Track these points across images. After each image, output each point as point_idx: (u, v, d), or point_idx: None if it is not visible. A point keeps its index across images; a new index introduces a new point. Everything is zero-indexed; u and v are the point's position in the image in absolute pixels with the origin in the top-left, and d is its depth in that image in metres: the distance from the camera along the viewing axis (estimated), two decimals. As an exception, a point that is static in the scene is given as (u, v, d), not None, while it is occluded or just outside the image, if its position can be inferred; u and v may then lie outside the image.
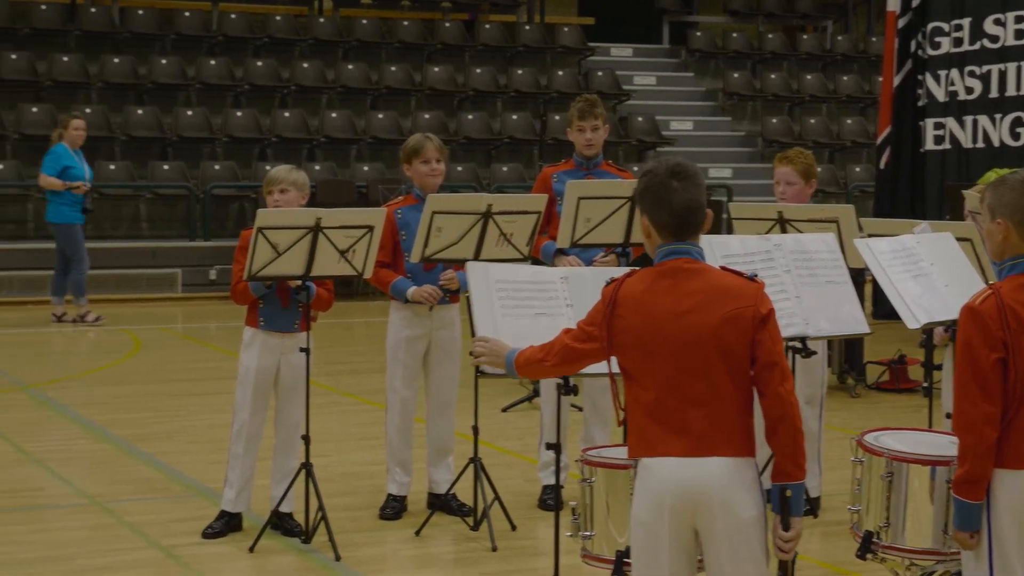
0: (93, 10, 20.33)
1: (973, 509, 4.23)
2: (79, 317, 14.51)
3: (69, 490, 7.86)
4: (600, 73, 22.23)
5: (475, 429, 7.07)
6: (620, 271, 4.33)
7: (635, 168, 19.35)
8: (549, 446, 5.94)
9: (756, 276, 4.16)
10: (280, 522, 6.94)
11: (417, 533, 7.02)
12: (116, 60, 19.53)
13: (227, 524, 6.96)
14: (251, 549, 6.69)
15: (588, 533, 4.79)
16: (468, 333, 6.83)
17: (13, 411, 10.02)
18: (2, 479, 8.01)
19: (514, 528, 7.07)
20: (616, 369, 4.22)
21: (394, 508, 7.33)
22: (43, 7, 19.94)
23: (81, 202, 14.24)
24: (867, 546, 4.81)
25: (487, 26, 22.50)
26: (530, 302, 5.11)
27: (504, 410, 10.18)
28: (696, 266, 4.13)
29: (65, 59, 19.26)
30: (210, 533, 6.92)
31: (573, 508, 4.84)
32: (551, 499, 7.32)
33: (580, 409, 7.79)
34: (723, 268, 4.20)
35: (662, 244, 4.16)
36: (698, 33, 23.87)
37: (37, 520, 7.18)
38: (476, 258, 6.96)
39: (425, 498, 7.44)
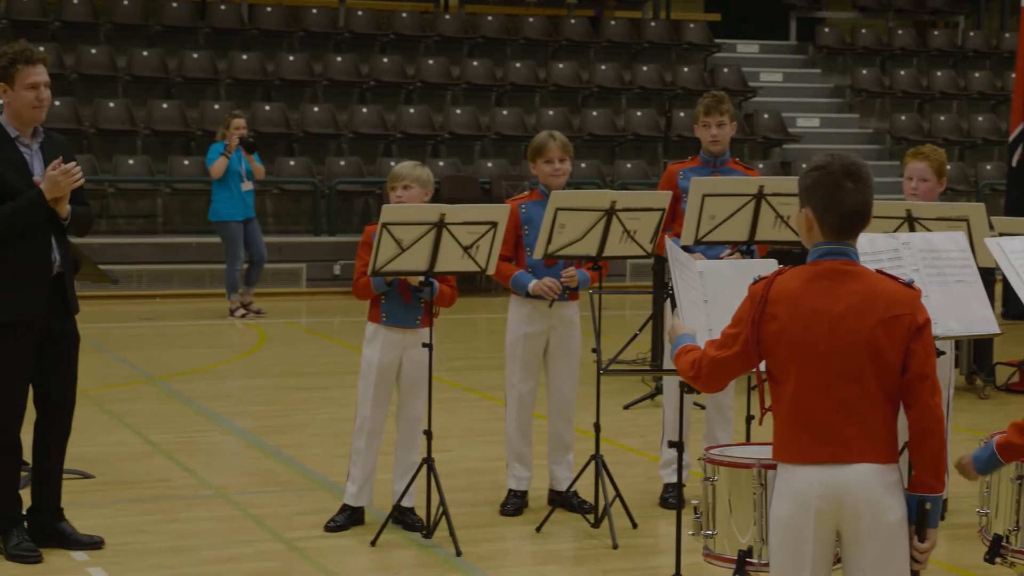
0: (223, 7, 20.62)
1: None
2: (230, 312, 14.76)
3: (195, 481, 7.97)
4: (726, 69, 22.06)
5: (596, 426, 7.05)
6: (764, 267, 4.26)
7: (760, 165, 19.20)
8: (671, 444, 5.90)
9: (912, 283, 4.07)
10: (402, 516, 6.97)
11: (538, 530, 7.01)
12: (244, 57, 19.80)
13: (349, 518, 7.01)
14: (373, 543, 6.73)
15: (710, 532, 4.75)
16: (588, 330, 6.81)
17: (141, 403, 10.20)
18: (131, 470, 8.14)
19: (635, 526, 7.03)
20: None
21: (515, 504, 7.33)
22: (174, 4, 20.28)
23: (241, 200, 14.33)
24: (996, 550, 4.71)
25: (612, 22, 22.45)
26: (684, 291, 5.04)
27: (626, 407, 10.14)
28: (853, 268, 4.03)
29: (195, 56, 19.56)
30: (332, 527, 6.97)
31: (695, 507, 4.80)
32: (673, 497, 7.27)
33: (703, 407, 7.73)
34: (879, 272, 4.10)
35: (822, 243, 4.05)
36: (826, 29, 23.58)
37: (164, 511, 7.29)
38: (599, 255, 6.94)
39: (546, 494, 7.43)
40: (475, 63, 20.86)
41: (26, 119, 6.36)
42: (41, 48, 6.64)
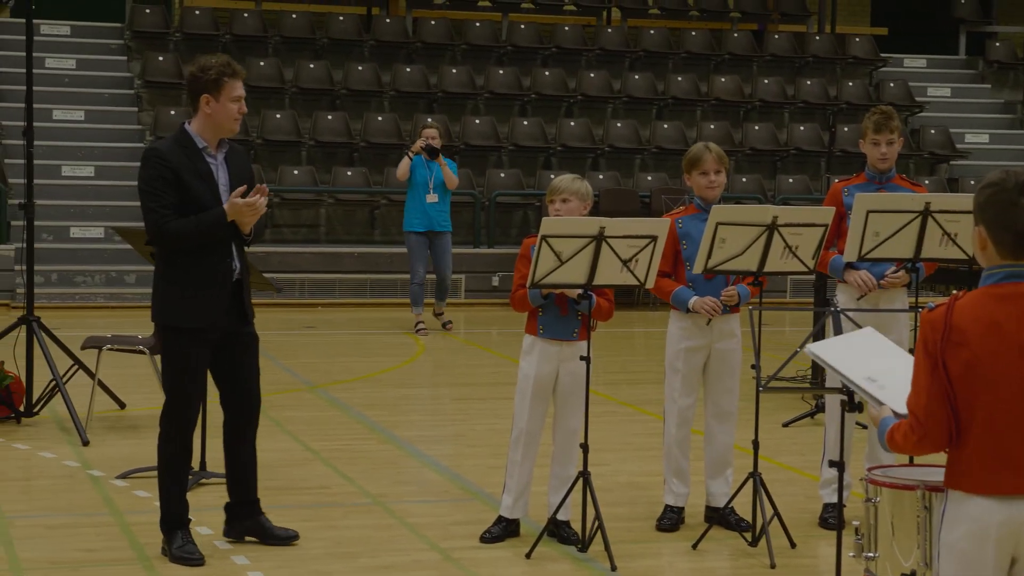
0: (387, 21, 20.88)
1: None
2: (414, 326, 14.42)
3: (353, 489, 8.05)
4: (892, 84, 21.70)
5: (755, 443, 6.96)
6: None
7: (926, 181, 18.83)
8: (832, 463, 5.79)
9: None
10: (557, 529, 6.96)
11: (694, 546, 6.94)
12: (408, 70, 20.01)
13: (505, 529, 7.02)
14: (528, 555, 6.73)
15: (871, 554, 4.65)
16: (748, 346, 6.74)
17: (301, 410, 10.34)
18: (291, 477, 8.26)
19: (793, 546, 6.93)
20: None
21: (671, 520, 7.27)
22: (340, 18, 20.59)
23: (424, 211, 14.03)
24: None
25: (776, 36, 22.23)
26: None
27: (785, 425, 10.00)
28: None
29: (359, 68, 19.83)
30: (488, 538, 6.98)
31: (856, 528, 4.71)
32: (833, 518, 7.14)
33: (864, 427, 7.59)
34: None
35: (1001, 265, 3.90)
36: (997, 44, 23.06)
37: (323, 518, 7.37)
38: (759, 271, 6.87)
39: (703, 511, 7.36)
40: (636, 76, 20.81)
41: (224, 130, 6.58)
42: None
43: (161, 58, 19.30)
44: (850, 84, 21.55)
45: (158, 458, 6.67)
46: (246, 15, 20.29)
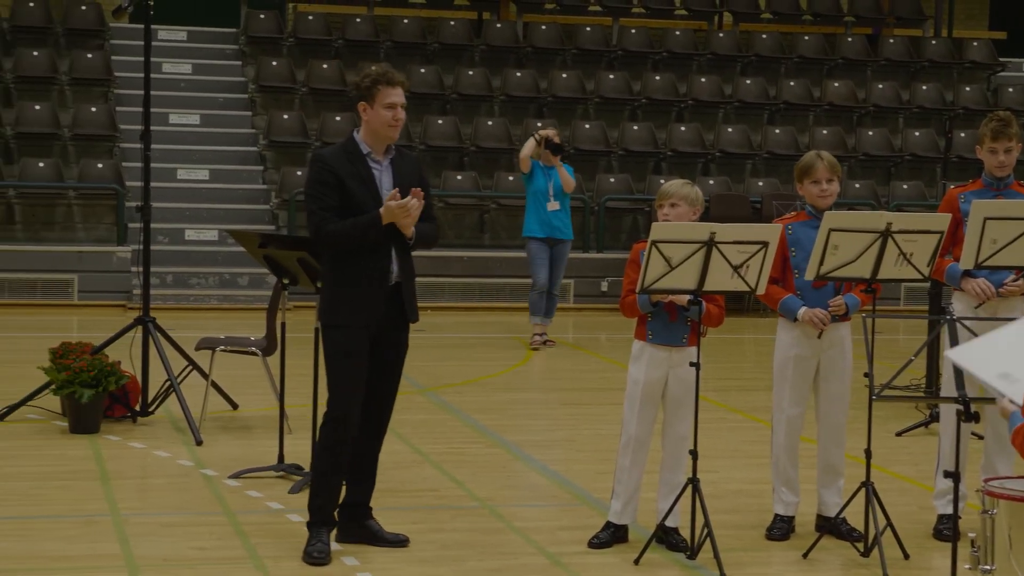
0: (498, 25, 20.94)
1: None
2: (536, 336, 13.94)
3: (462, 492, 8.08)
4: (1011, 89, 21.34)
5: (867, 452, 6.86)
6: None
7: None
8: (947, 474, 5.71)
9: None
10: (666, 536, 6.92)
11: (805, 556, 6.87)
12: (518, 74, 20.06)
13: (613, 535, 7.00)
14: (636, 562, 6.70)
15: (988, 567, 4.57)
16: (860, 354, 6.65)
17: (411, 413, 10.39)
18: (400, 479, 8.30)
19: (907, 557, 6.83)
20: None
21: (781, 529, 7.20)
22: (451, 23, 20.69)
23: (544, 219, 13.56)
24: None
25: (891, 40, 21.96)
26: None
27: (898, 434, 9.86)
28: None
29: (470, 73, 19.91)
30: (596, 543, 6.97)
31: (972, 540, 4.63)
32: (948, 529, 7.03)
33: (980, 437, 7.47)
34: None
35: None
36: (1119, 46, 22.61)
37: (432, 520, 7.40)
38: (872, 278, 6.78)
39: (814, 520, 7.28)
40: (748, 81, 20.68)
41: (381, 137, 6.68)
42: (372, 67, 6.84)
43: (275, 63, 19.53)
44: (967, 89, 21.23)
45: (319, 454, 6.74)
46: (358, 20, 20.47)
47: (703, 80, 20.50)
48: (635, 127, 19.68)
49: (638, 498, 7.04)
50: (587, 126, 19.52)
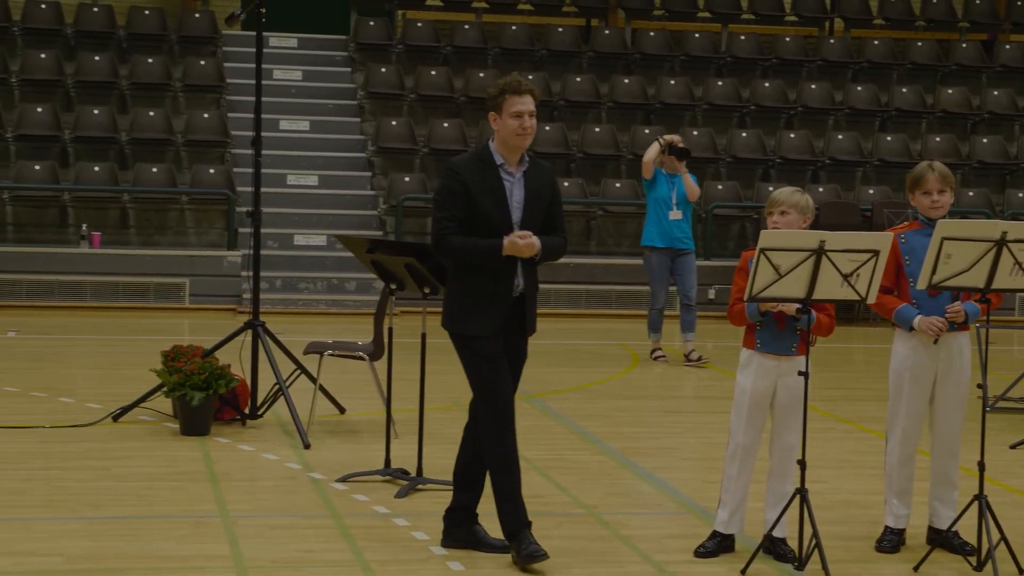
0: (606, 32, 20.91)
1: None
2: (686, 357, 13.36)
3: (567, 499, 8.06)
4: None
5: (981, 465, 6.74)
6: None
7: None
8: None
9: None
10: (773, 546, 6.85)
11: (916, 568, 6.76)
12: (626, 81, 20.01)
13: (720, 544, 6.94)
14: (743, 572, 6.64)
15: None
16: (976, 364, 6.55)
17: (516, 419, 10.36)
18: (505, 483, 8.29)
19: (1021, 572, 6.70)
20: None
21: (891, 541, 7.09)
22: (559, 29, 20.70)
23: (664, 228, 13.05)
24: None
25: (1007, 46, 21.61)
26: None
27: (1013, 447, 9.68)
28: None
29: (578, 79, 19.90)
30: (702, 552, 6.92)
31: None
32: (1061, 545, 6.88)
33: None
34: None
35: None
36: None
37: (537, 527, 7.35)
38: (987, 288, 6.66)
39: (925, 532, 7.17)
40: (859, 88, 20.46)
41: (511, 146, 6.63)
42: (521, 76, 6.82)
43: (384, 69, 19.67)
44: (1085, 95, 20.85)
45: (488, 463, 6.75)
46: (466, 27, 20.55)
47: (813, 87, 20.31)
48: (743, 134, 19.55)
49: (745, 507, 6.98)
50: (695, 133, 19.42)
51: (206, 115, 18.49)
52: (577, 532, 7.34)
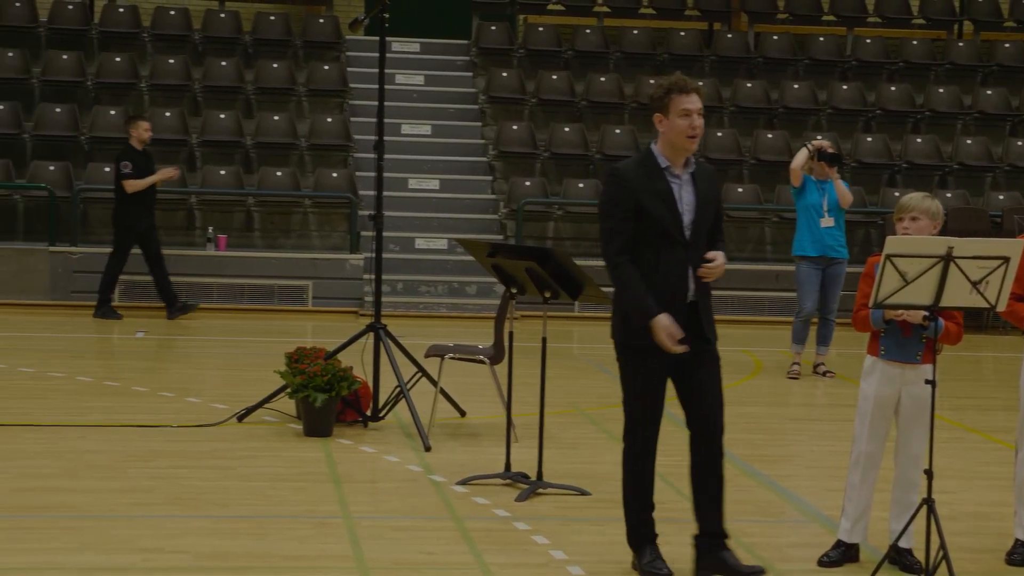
0: (729, 36, 20.79)
1: None
2: (815, 368, 13.04)
3: (688, 506, 7.96)
4: None
5: (1114, 478, 6.58)
6: None
7: None
8: None
9: None
10: (898, 557, 6.74)
11: (1045, 583, 6.63)
12: (749, 85, 19.86)
13: (843, 554, 6.85)
14: (867, 582, 6.55)
15: None
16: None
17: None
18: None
19: None
20: None
21: (1021, 554, 6.95)
22: (681, 33, 20.61)
23: (816, 236, 12.58)
24: None
25: None
26: None
27: None
28: None
29: (700, 84, 19.73)
30: (826, 562, 6.83)
31: None
32: None
33: None
34: None
35: None
36: None
37: (659, 532, 7.34)
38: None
39: (1055, 546, 7.02)
40: (989, 92, 20.11)
41: (679, 148, 6.42)
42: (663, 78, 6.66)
43: (505, 74, 19.72)
44: None
45: (623, 475, 6.70)
46: (588, 31, 20.54)
47: (941, 91, 20.00)
48: (868, 139, 19.31)
49: (868, 516, 6.88)
50: (819, 137, 19.18)
51: (329, 119, 18.67)
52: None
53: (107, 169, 16.99)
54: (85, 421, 9.78)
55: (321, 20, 20.24)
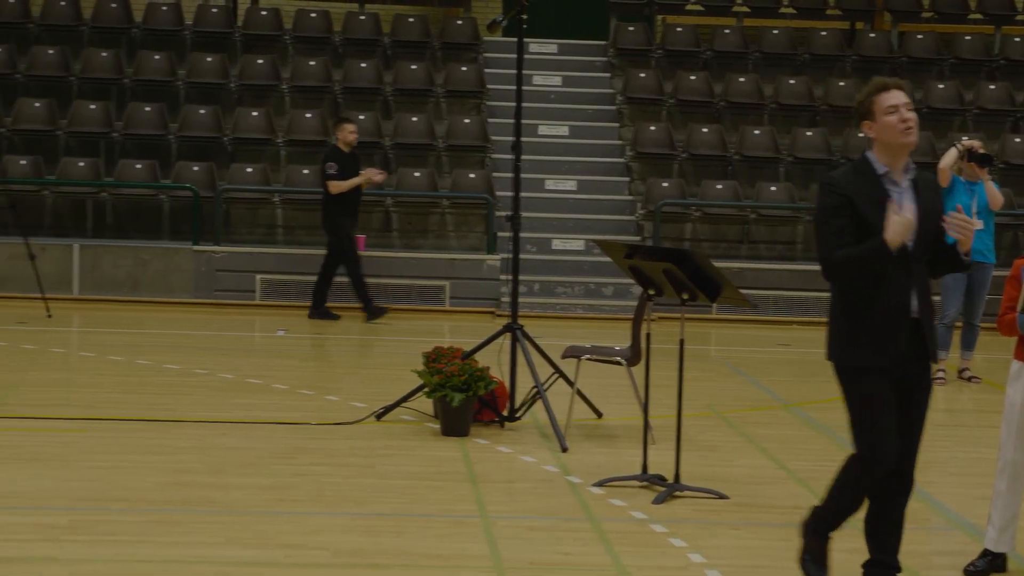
0: (872, 35, 20.50)
1: None
2: (959, 373, 12.78)
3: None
4: None
5: None
6: None
7: None
8: None
9: None
10: (1046, 567, 6.59)
11: None
12: (891, 85, 19.53)
13: (990, 563, 6.70)
14: (1015, 592, 6.41)
15: None
16: None
17: (776, 428, 10.24)
18: (764, 494, 8.19)
19: None
20: None
21: (982, 564, 6.74)
22: (823, 33, 20.37)
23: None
24: None
25: None
26: None
27: None
28: None
29: (841, 84, 19.53)
30: (972, 571, 6.69)
31: None
32: None
33: None
34: None
35: None
36: None
37: (794, 537, 7.25)
38: None
39: None
40: None
41: (895, 147, 6.07)
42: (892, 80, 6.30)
43: (643, 75, 19.64)
44: None
45: (839, 489, 6.37)
46: (727, 31, 20.38)
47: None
48: (1016, 139, 18.90)
49: (1016, 525, 6.73)
50: (964, 138, 18.83)
51: (467, 120, 18.76)
52: (839, 545, 7.14)
53: (248, 170, 17.21)
54: (229, 417, 9.94)
55: (459, 22, 20.35)
